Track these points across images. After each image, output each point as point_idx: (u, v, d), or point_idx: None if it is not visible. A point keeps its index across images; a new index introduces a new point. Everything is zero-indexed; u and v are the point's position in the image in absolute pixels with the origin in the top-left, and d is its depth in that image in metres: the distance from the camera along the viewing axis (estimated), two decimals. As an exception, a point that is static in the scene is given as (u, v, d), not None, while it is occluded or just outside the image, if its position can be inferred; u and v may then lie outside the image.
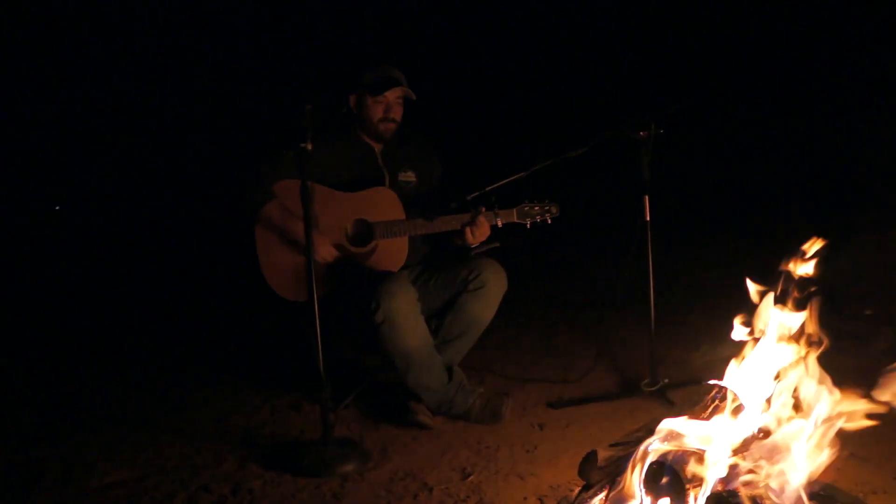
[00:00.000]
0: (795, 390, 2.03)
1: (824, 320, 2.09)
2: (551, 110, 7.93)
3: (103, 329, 4.81)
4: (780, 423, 2.01)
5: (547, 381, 3.50)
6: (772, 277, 2.27)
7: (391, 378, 3.13)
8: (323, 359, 2.66)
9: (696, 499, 1.85)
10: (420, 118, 3.34)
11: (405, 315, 2.88)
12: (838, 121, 6.65)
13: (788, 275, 2.21)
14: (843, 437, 2.69)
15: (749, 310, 2.25)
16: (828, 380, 2.02)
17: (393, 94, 3.12)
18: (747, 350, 2.22)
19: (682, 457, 1.88)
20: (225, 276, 5.44)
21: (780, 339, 2.10)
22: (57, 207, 7.78)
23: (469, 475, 2.62)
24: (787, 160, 7.19)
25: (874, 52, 6.58)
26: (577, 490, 2.19)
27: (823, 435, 1.97)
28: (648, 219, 3.18)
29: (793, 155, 7.16)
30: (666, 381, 3.21)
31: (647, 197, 3.16)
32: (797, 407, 2.03)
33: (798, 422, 1.98)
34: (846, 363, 2.14)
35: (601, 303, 4.75)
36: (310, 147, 2.61)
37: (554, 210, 3.10)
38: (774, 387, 2.04)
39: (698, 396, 2.26)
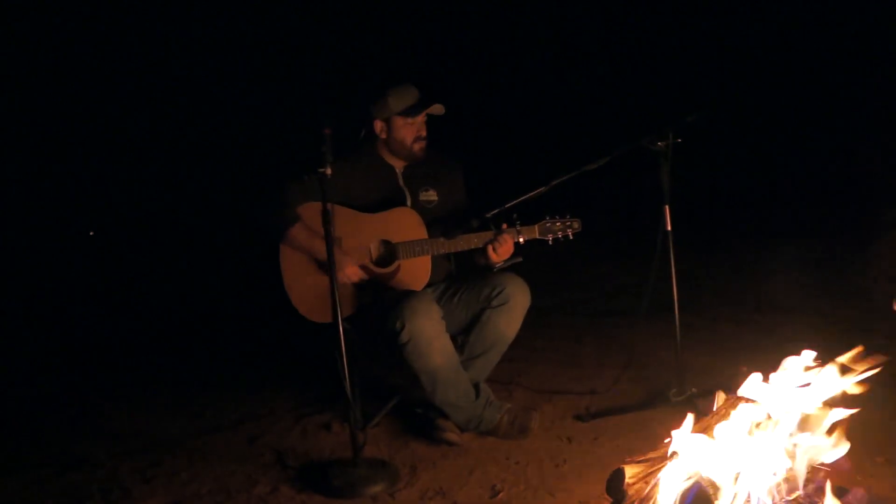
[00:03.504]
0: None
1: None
2: (569, 123, 7.88)
3: (135, 351, 4.83)
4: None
5: (574, 393, 3.46)
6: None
7: (419, 396, 3.10)
8: (350, 379, 2.65)
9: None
10: (437, 134, 3.33)
11: (430, 333, 2.86)
12: (857, 120, 6.54)
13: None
14: (878, 443, 2.63)
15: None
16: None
17: (422, 114, 3.12)
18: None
19: (711, 474, 1.83)
20: (258, 295, 5.45)
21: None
22: (91, 233, 7.87)
23: (499, 492, 2.58)
24: (808, 162, 7.07)
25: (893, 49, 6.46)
26: (606, 507, 2.15)
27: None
28: (670, 228, 3.14)
29: (814, 156, 7.04)
30: (693, 390, 3.15)
31: (667, 207, 3.12)
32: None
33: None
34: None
35: (627, 312, 4.70)
36: (329, 172, 2.61)
37: (576, 225, 3.07)
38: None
39: (724, 409, 2.22)
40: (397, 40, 7.80)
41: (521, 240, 3.05)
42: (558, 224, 3.06)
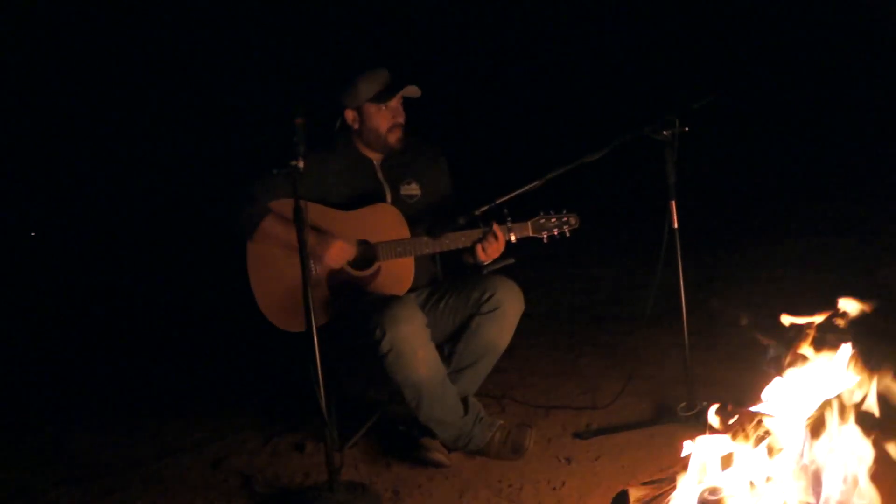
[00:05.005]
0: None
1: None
2: (566, 110, 7.88)
3: (82, 366, 4.76)
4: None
5: (573, 408, 3.46)
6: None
7: (402, 412, 3.09)
8: (326, 395, 2.63)
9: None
10: (422, 123, 3.31)
11: (413, 343, 2.84)
12: (875, 110, 6.59)
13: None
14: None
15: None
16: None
17: (395, 98, 3.10)
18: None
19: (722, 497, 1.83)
20: (222, 302, 5.41)
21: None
22: (32, 234, 7.79)
23: (490, 518, 2.57)
24: (826, 151, 7.12)
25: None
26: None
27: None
28: (676, 226, 3.13)
29: (832, 145, 7.08)
30: (704, 403, 3.13)
31: (673, 202, 3.11)
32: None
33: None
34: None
35: (630, 318, 4.70)
36: (301, 165, 2.59)
37: (573, 221, 3.07)
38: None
39: (738, 424, 2.22)
40: (379, 23, 7.80)
41: (513, 238, 3.04)
42: (553, 220, 3.05)
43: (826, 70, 7.19)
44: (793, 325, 2.25)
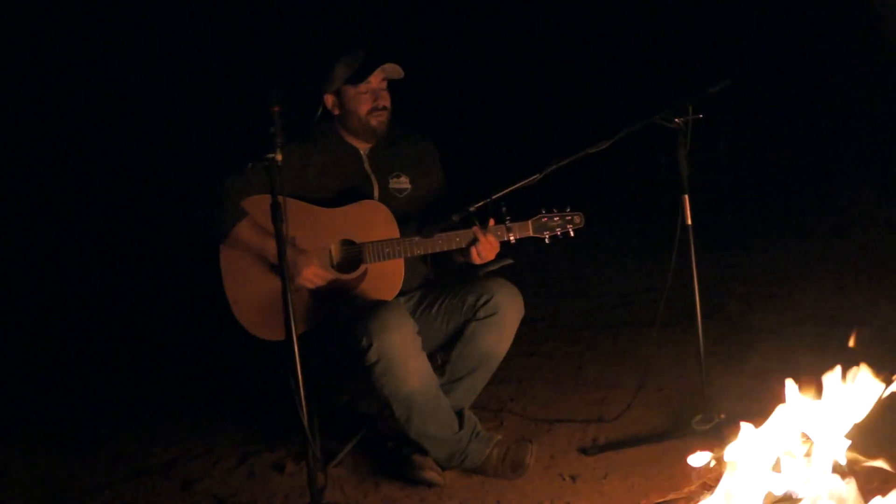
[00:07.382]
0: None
1: None
2: (570, 96, 7.89)
3: (32, 373, 4.74)
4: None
5: (578, 422, 3.48)
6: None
7: (391, 427, 3.11)
8: (308, 409, 2.64)
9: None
10: (415, 112, 3.32)
11: (403, 352, 2.86)
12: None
13: None
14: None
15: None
16: None
17: (376, 79, 3.12)
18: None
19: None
20: (193, 307, 5.42)
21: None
22: None
23: (488, 543, 2.60)
24: (857, 140, 7.13)
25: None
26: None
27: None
28: (690, 222, 3.15)
29: (860, 135, 7.11)
30: (722, 416, 3.16)
31: (686, 196, 3.13)
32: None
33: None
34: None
35: (639, 323, 4.72)
36: (280, 158, 2.60)
37: (577, 220, 3.08)
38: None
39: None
40: (367, 3, 7.79)
41: (512, 238, 3.05)
42: (556, 219, 3.07)
43: (852, 59, 7.22)
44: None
